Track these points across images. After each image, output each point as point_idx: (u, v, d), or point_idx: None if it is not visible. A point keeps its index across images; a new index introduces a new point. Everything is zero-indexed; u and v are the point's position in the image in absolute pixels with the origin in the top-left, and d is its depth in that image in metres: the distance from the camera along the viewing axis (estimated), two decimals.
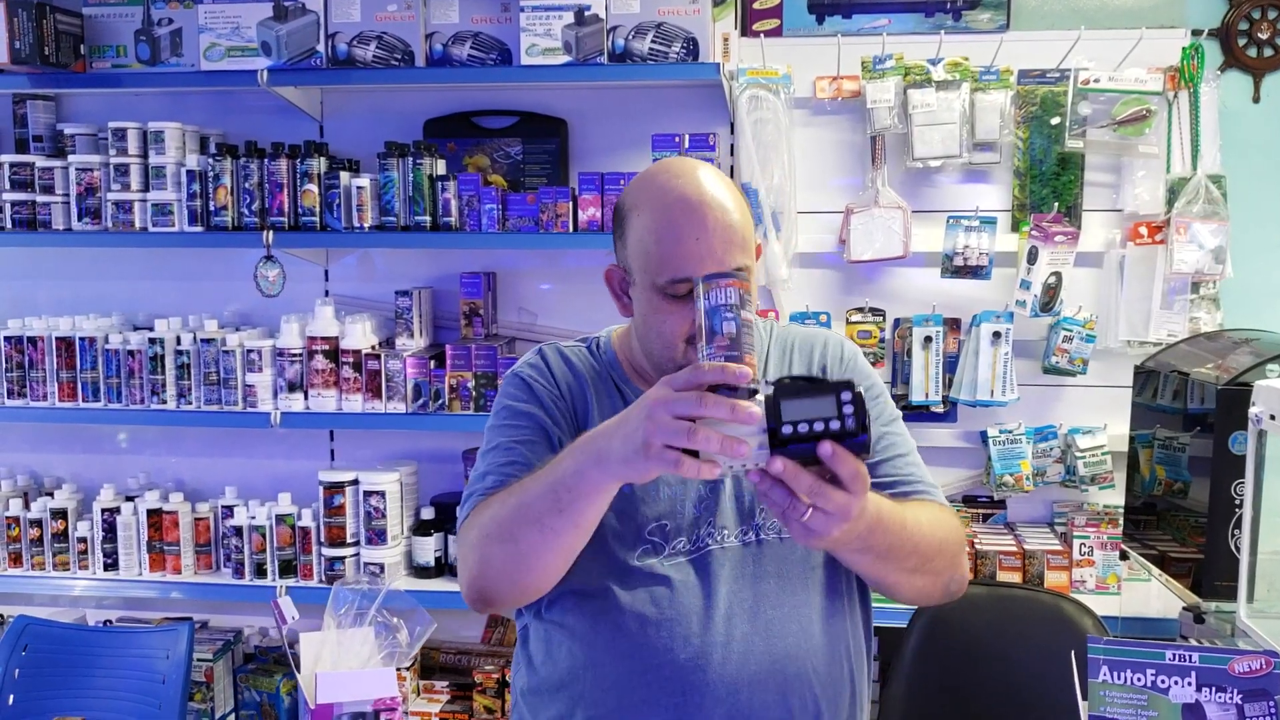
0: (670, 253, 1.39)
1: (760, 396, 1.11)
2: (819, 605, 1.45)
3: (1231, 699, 1.12)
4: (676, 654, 1.39)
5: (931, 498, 1.50)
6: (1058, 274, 2.61)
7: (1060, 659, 2.08)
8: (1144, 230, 2.63)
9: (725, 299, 1.16)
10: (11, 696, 2.45)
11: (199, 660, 2.72)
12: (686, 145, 2.61)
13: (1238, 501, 2.09)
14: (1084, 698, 1.17)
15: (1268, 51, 2.70)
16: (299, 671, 1.26)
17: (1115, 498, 2.66)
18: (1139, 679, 1.14)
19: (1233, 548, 2.10)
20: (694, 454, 1.11)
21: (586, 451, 1.24)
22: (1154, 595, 2.59)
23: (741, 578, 1.42)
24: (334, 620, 1.28)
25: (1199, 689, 1.13)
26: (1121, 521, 2.58)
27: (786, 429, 1.07)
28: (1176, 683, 1.13)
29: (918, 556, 1.38)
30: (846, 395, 1.08)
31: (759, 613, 1.41)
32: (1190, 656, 1.13)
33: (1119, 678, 1.15)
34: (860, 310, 2.72)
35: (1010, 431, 2.67)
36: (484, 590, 1.39)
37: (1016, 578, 2.57)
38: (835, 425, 1.07)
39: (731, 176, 2.74)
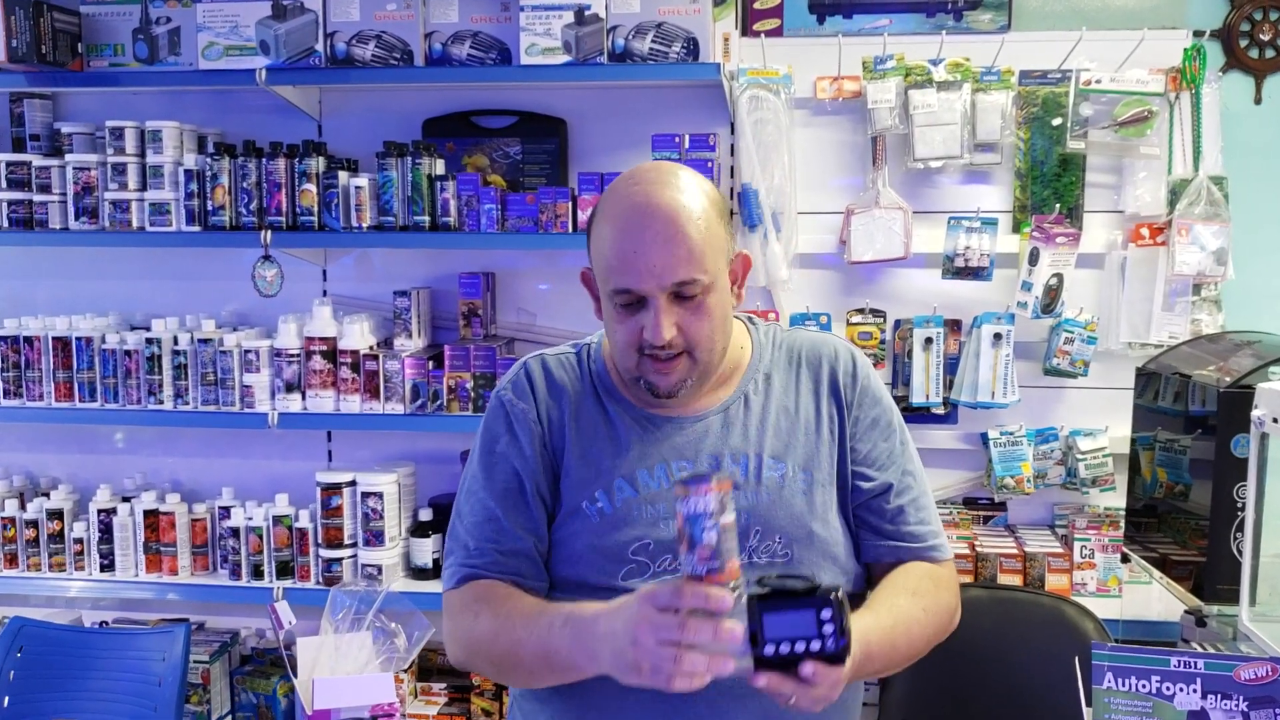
0: (614, 264, 1.39)
1: (744, 599, 1.15)
2: None
3: (1237, 706, 1.11)
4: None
5: (937, 555, 1.51)
6: (1059, 275, 2.60)
7: (1061, 662, 2.07)
8: (1145, 232, 2.62)
9: (703, 507, 1.16)
10: (6, 699, 2.44)
11: (195, 662, 2.71)
12: (687, 145, 2.60)
13: (1240, 504, 2.08)
14: (1088, 704, 1.16)
15: (1269, 53, 2.69)
16: (296, 677, 1.24)
17: (1116, 500, 2.65)
18: (1144, 685, 1.13)
19: (1235, 551, 2.09)
20: None
21: (580, 646, 1.27)
22: (1155, 598, 2.58)
23: None
24: (331, 625, 1.27)
25: (1204, 696, 1.12)
26: (1123, 524, 2.57)
27: (769, 648, 1.11)
28: (1181, 689, 1.12)
29: (912, 654, 1.44)
30: (827, 613, 1.12)
31: None
32: (1195, 663, 1.12)
33: (1124, 684, 1.14)
34: (861, 311, 2.71)
35: (1011, 433, 2.66)
36: (470, 670, 1.49)
37: (1017, 580, 2.56)
38: (815, 646, 1.11)
39: (732, 177, 2.73)
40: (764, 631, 1.10)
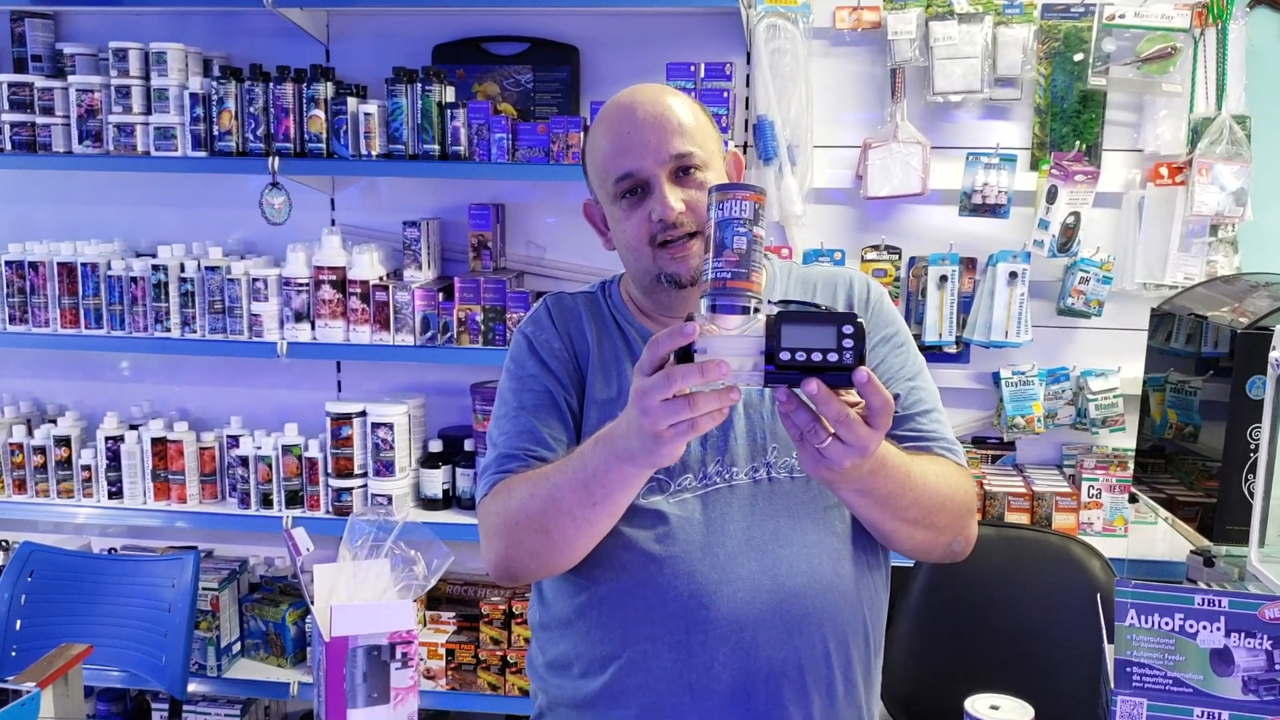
0: (610, 155, 1.43)
1: (762, 316, 1.10)
2: (832, 547, 1.43)
3: (1261, 645, 1.11)
4: (680, 591, 1.39)
5: (951, 456, 1.48)
6: (1076, 214, 2.57)
7: (1068, 600, 2.09)
8: (1164, 171, 2.59)
9: (738, 212, 1.12)
10: (19, 622, 2.46)
11: (204, 589, 2.73)
12: (702, 75, 2.55)
13: (1253, 446, 2.09)
14: (1109, 640, 1.16)
15: None
16: (313, 604, 1.24)
17: (1125, 441, 2.65)
18: (1167, 623, 1.13)
19: (1245, 492, 2.10)
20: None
21: (612, 449, 1.24)
22: (1160, 538, 2.60)
23: (750, 515, 1.41)
24: (350, 552, 1.26)
25: (1228, 634, 1.12)
26: (1131, 465, 2.58)
27: (784, 355, 1.06)
28: (1205, 628, 1.12)
29: (918, 509, 1.36)
30: (849, 329, 1.07)
31: (766, 551, 1.40)
32: (1219, 601, 1.12)
33: (1146, 621, 1.14)
34: (875, 248, 2.69)
35: (1023, 373, 2.65)
36: (514, 572, 1.42)
37: (1025, 519, 2.58)
38: (833, 357, 1.06)
39: (747, 108, 2.69)
40: (780, 339, 1.07)
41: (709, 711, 1.38)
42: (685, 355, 1.09)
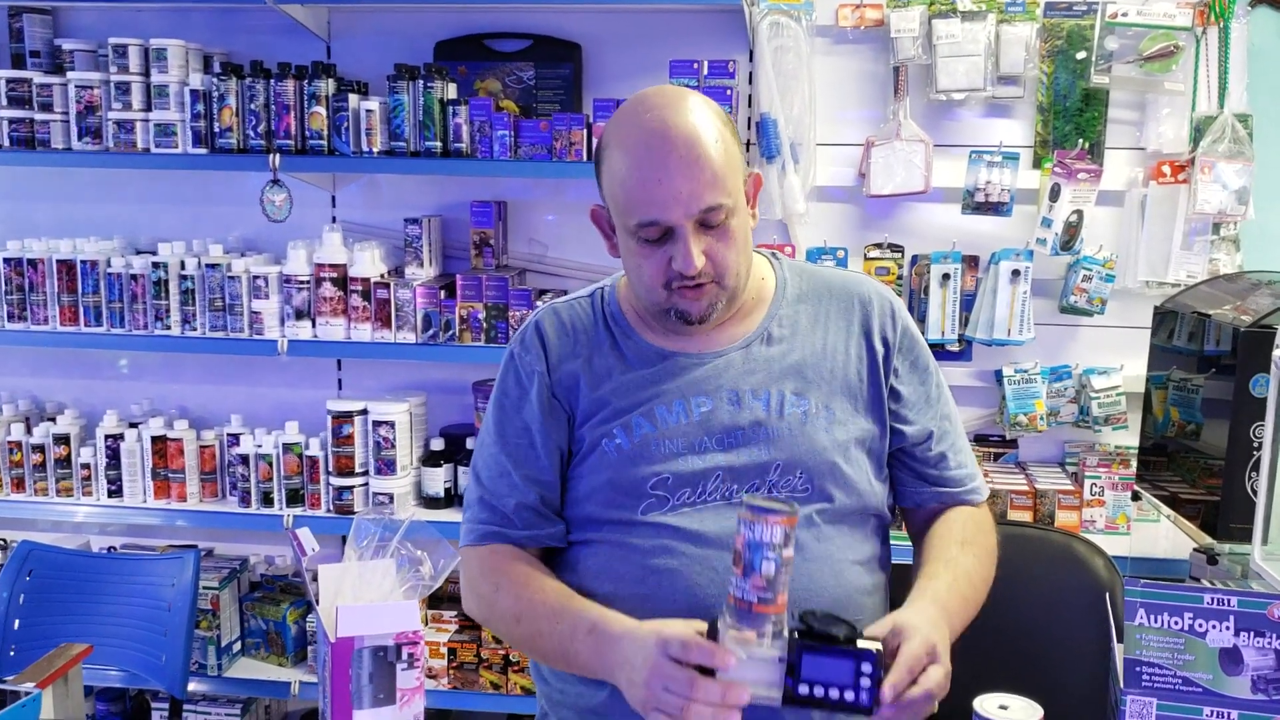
0: (636, 196, 1.34)
1: (784, 635, 1.14)
2: (834, 560, 1.41)
3: (1270, 644, 1.11)
4: (679, 605, 1.37)
5: (976, 498, 1.53)
6: (1079, 212, 2.57)
7: (1071, 598, 2.09)
8: (1167, 169, 2.59)
9: (768, 537, 1.14)
10: (17, 621, 2.44)
11: (205, 588, 2.71)
12: (705, 72, 2.54)
13: (1256, 444, 2.08)
14: (1119, 640, 1.16)
15: None
16: (318, 604, 1.24)
17: (1127, 439, 2.65)
18: (1176, 622, 1.13)
19: (1249, 490, 2.10)
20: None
21: (600, 661, 1.29)
22: (1162, 536, 2.60)
23: None
24: (355, 552, 1.25)
25: (1237, 633, 1.12)
26: (1134, 463, 2.57)
27: (802, 688, 1.11)
28: (1214, 627, 1.12)
29: (978, 605, 1.45)
30: (867, 666, 1.10)
31: None
32: (1229, 600, 1.12)
33: (1156, 621, 1.14)
34: (879, 246, 2.68)
35: (1025, 371, 2.65)
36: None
37: (1027, 517, 2.57)
38: (849, 697, 1.10)
39: (750, 106, 2.68)
40: (801, 670, 1.11)
41: None
42: None
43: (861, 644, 1.12)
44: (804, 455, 1.40)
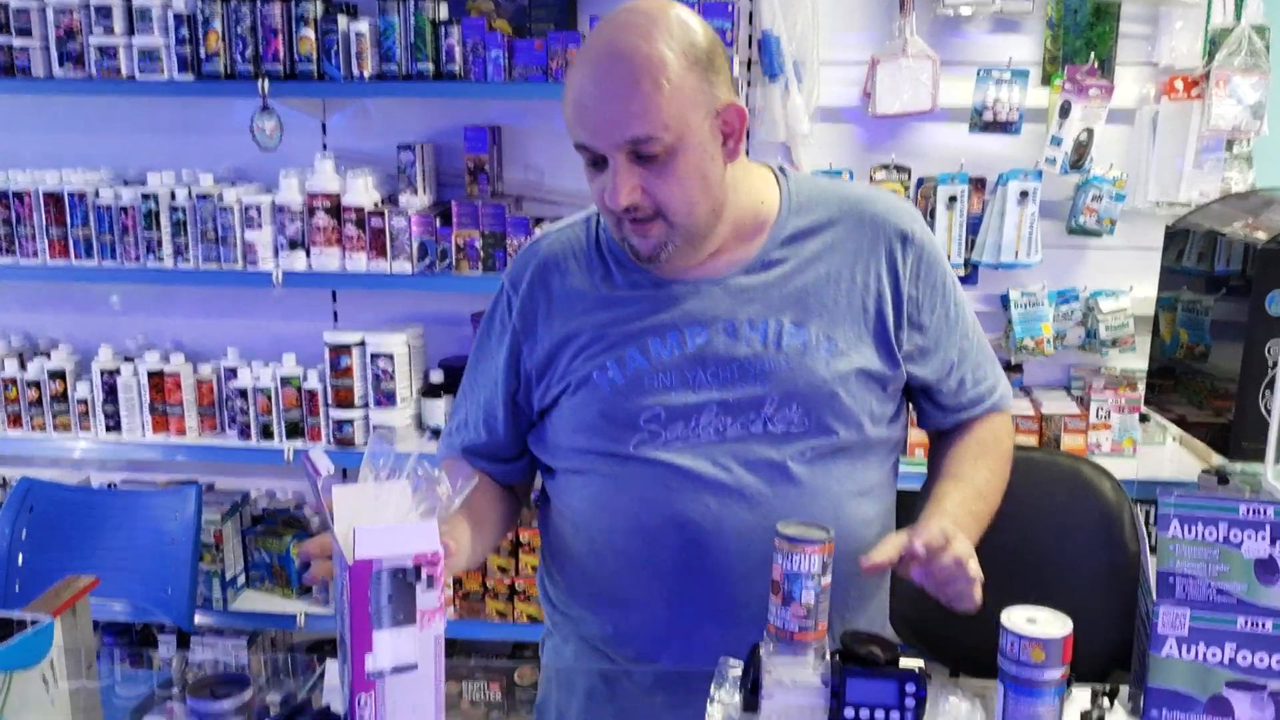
0: (570, 116, 1.29)
1: (826, 657, 1.14)
2: (832, 493, 1.38)
3: None
4: (670, 541, 1.35)
5: (1003, 405, 1.52)
6: (1089, 130, 2.52)
7: (1079, 521, 2.08)
8: (1179, 85, 2.53)
9: (806, 567, 1.13)
10: (20, 556, 2.43)
11: (207, 522, 2.70)
12: None
13: (1272, 362, 2.06)
14: (1152, 551, 1.15)
15: None
16: (333, 526, 1.20)
17: (1134, 361, 2.63)
18: (1211, 533, 1.11)
19: (1262, 409, 2.08)
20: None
21: None
22: (1168, 458, 2.60)
23: (744, 465, 1.35)
24: (371, 471, 1.22)
25: (1272, 543, 1.10)
26: (1141, 385, 2.56)
27: (848, 711, 1.11)
28: (1250, 537, 1.10)
29: (994, 511, 1.46)
30: (911, 686, 1.10)
31: (760, 501, 1.35)
32: (1264, 510, 1.10)
33: (1190, 532, 1.12)
34: (884, 168, 2.63)
35: (1032, 294, 2.61)
36: None
37: (1033, 441, 2.56)
38: (895, 717, 1.10)
39: (751, 23, 2.61)
40: (846, 694, 1.10)
41: (698, 637, 1.37)
42: (754, 684, 1.13)
43: (904, 663, 1.12)
44: (801, 388, 1.36)
